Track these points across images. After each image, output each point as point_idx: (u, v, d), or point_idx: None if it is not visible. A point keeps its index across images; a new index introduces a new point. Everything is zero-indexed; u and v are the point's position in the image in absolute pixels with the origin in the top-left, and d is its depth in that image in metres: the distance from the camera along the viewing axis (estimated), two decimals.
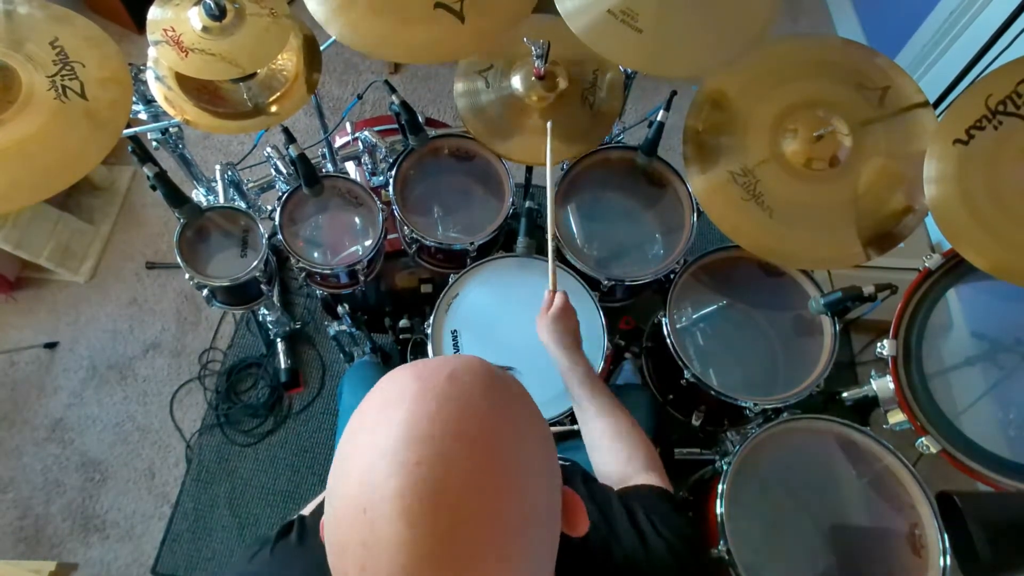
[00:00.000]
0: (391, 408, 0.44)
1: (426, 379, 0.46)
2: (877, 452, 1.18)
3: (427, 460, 0.41)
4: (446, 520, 0.40)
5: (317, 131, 1.70)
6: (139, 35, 2.46)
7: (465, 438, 0.43)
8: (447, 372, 0.47)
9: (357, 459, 0.43)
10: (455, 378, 0.46)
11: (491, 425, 0.45)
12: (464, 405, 0.45)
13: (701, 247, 1.39)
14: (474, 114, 1.33)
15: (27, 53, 1.02)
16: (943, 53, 2.04)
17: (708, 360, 1.34)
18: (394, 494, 0.40)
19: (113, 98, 1.03)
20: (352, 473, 0.43)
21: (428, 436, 0.42)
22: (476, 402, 0.45)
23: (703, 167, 1.19)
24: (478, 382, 0.47)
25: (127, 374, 1.98)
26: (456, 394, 0.45)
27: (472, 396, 0.45)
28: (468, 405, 0.45)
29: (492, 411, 0.46)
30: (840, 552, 1.14)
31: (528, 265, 1.36)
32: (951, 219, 1.01)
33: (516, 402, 0.49)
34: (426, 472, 0.40)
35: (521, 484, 0.44)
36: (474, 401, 0.45)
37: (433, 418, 0.43)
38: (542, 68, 1.27)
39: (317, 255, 1.39)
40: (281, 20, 1.16)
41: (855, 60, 1.20)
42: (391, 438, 0.42)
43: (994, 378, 1.24)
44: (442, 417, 0.43)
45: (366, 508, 0.41)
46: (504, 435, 0.45)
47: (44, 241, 1.98)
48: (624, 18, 1.08)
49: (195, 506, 1.80)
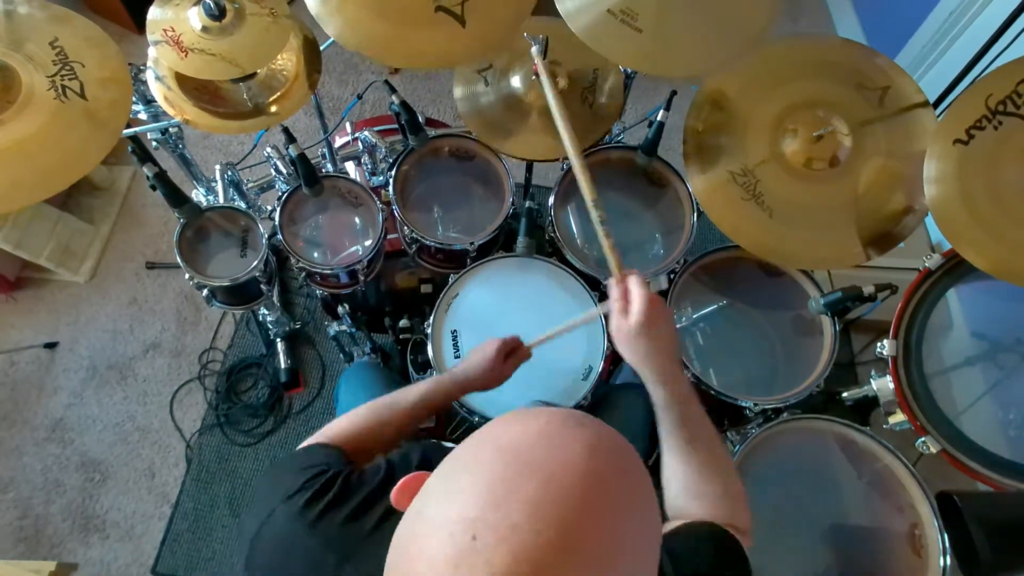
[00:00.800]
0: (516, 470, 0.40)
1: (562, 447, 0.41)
2: (877, 452, 1.18)
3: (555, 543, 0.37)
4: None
5: (317, 131, 1.70)
6: (139, 35, 2.46)
7: (598, 533, 0.38)
8: (583, 445, 0.41)
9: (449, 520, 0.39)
10: (595, 454, 0.41)
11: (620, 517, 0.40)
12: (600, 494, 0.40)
13: (701, 247, 1.39)
14: (474, 114, 1.33)
15: (27, 53, 1.02)
16: (943, 53, 2.05)
17: (708, 360, 1.34)
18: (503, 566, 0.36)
19: (113, 98, 1.03)
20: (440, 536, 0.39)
21: (559, 520, 0.38)
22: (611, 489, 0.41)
23: (703, 167, 1.19)
24: (614, 461, 0.42)
25: (127, 374, 1.98)
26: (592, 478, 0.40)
27: (608, 479, 0.41)
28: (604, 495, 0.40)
29: (624, 500, 0.41)
30: (840, 552, 1.14)
31: (528, 265, 1.36)
32: (951, 219, 1.01)
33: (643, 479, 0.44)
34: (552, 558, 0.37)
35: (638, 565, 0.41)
36: (610, 488, 0.41)
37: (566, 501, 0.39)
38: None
39: (317, 255, 1.39)
40: (281, 20, 1.16)
41: (855, 60, 1.20)
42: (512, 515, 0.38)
43: (994, 378, 1.24)
44: (575, 501, 0.39)
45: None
46: (634, 524, 0.41)
47: (44, 241, 1.98)
48: (624, 18, 1.08)
49: (195, 506, 1.80)
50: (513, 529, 0.37)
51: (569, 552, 0.37)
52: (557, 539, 0.37)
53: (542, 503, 0.38)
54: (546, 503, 0.38)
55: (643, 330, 0.74)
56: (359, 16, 1.08)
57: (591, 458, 0.41)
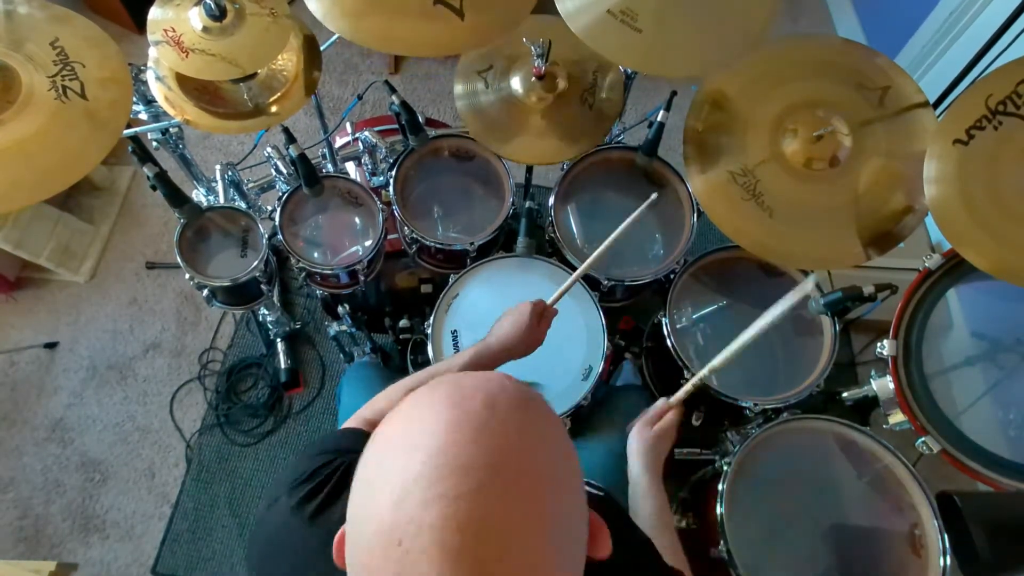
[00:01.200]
0: (425, 434, 0.43)
1: (461, 406, 0.45)
2: (877, 452, 1.18)
3: (466, 495, 0.40)
4: (487, 556, 0.39)
5: (317, 131, 1.70)
6: (139, 35, 2.46)
7: (504, 472, 0.42)
8: (482, 399, 0.45)
9: (388, 484, 0.42)
10: (492, 406, 0.45)
11: (529, 457, 0.44)
12: (501, 436, 0.44)
13: (701, 247, 1.39)
14: (474, 115, 1.33)
15: (27, 53, 1.02)
16: (943, 53, 2.04)
17: (708, 360, 1.33)
18: (433, 527, 0.39)
19: (113, 98, 1.03)
20: (382, 498, 0.42)
21: (466, 468, 0.41)
22: (512, 432, 0.44)
23: (703, 167, 1.19)
24: (514, 409, 0.46)
25: (127, 374, 1.98)
26: (493, 424, 0.44)
27: (508, 425, 0.45)
28: (505, 436, 0.44)
29: (529, 441, 0.45)
30: (840, 552, 1.14)
31: (528, 265, 1.36)
32: (951, 219, 1.01)
33: (550, 427, 0.48)
34: (465, 507, 0.39)
35: (559, 517, 0.44)
36: (511, 431, 0.44)
37: (471, 450, 0.42)
38: (542, 67, 1.27)
39: (317, 255, 1.39)
40: (281, 20, 1.16)
41: (855, 60, 1.20)
42: (428, 466, 0.41)
43: (994, 378, 1.24)
44: (480, 449, 0.42)
45: (401, 540, 0.39)
46: (541, 466, 0.45)
47: (44, 241, 1.98)
48: (624, 18, 1.08)
49: (195, 506, 1.80)
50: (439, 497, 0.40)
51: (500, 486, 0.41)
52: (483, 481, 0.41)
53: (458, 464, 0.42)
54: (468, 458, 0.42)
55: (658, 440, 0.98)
56: (359, 8, 1.09)
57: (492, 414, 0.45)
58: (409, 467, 0.42)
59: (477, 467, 0.41)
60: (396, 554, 0.39)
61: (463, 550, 0.39)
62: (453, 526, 0.39)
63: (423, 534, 0.39)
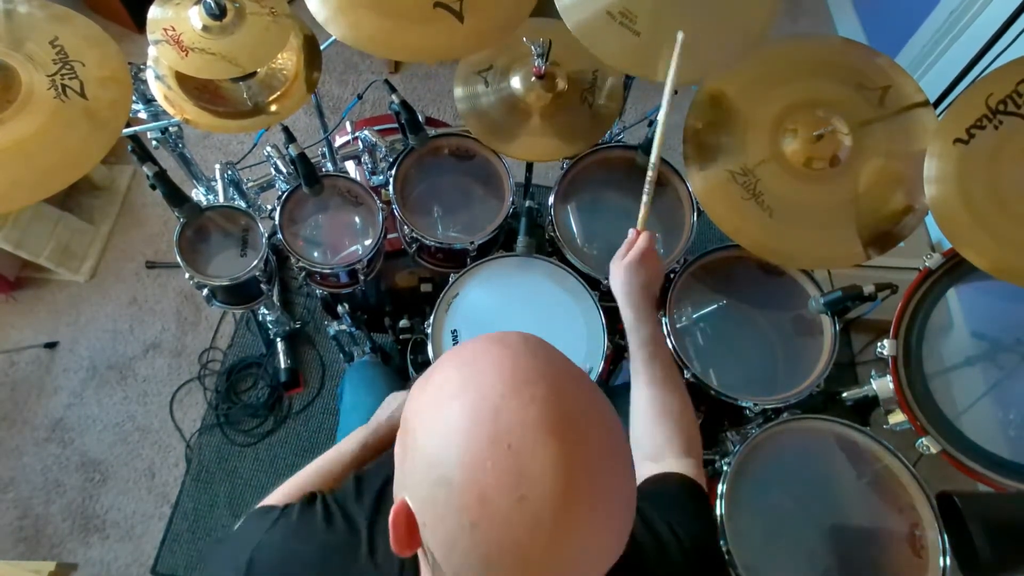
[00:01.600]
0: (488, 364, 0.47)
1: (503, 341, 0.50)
2: (877, 452, 1.18)
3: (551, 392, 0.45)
4: (587, 434, 0.45)
5: (317, 130, 1.70)
6: (139, 35, 2.47)
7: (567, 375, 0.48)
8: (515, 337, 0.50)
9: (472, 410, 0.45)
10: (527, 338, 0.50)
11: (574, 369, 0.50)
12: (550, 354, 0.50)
13: (701, 247, 1.39)
14: (474, 114, 1.33)
15: (27, 53, 1.02)
16: (943, 53, 2.05)
17: (708, 360, 1.34)
18: (536, 420, 0.43)
19: (113, 98, 1.03)
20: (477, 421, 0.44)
21: (540, 374, 0.46)
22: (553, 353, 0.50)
23: (703, 167, 1.19)
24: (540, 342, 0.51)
25: (127, 374, 1.98)
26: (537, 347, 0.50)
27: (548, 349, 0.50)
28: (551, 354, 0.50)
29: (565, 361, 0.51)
30: (840, 552, 1.14)
31: (528, 264, 1.36)
32: (951, 219, 1.01)
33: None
34: (554, 401, 0.45)
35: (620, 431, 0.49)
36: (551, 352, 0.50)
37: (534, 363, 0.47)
38: (542, 67, 1.27)
39: (317, 254, 1.39)
40: (281, 19, 1.16)
41: (855, 60, 1.20)
42: (510, 382, 0.45)
43: (994, 378, 1.24)
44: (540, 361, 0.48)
45: (510, 443, 0.43)
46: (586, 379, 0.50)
47: (44, 241, 1.98)
48: (622, 20, 1.08)
49: (195, 506, 1.80)
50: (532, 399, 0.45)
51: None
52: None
53: None
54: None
55: (632, 267, 0.94)
56: (357, 11, 1.09)
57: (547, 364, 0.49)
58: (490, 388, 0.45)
59: (547, 372, 0.47)
60: (507, 456, 0.42)
61: (569, 429, 0.44)
62: (554, 415, 0.44)
63: (528, 431, 0.43)
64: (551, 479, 0.42)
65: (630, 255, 0.96)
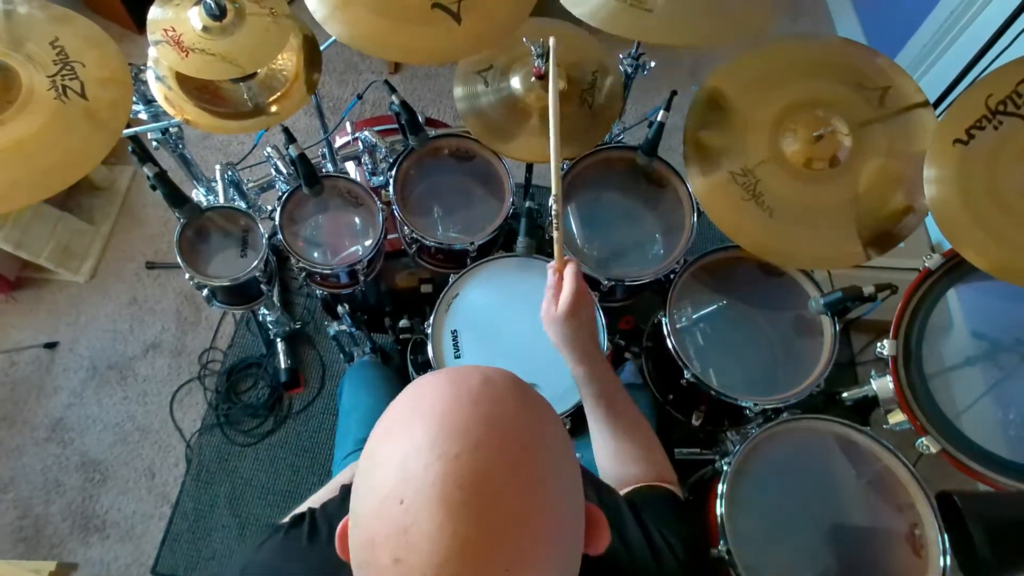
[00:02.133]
0: (426, 405, 0.46)
1: (459, 382, 0.47)
2: (877, 452, 1.18)
3: (466, 451, 0.42)
4: (485, 510, 0.41)
5: (317, 131, 1.70)
6: (139, 35, 2.46)
7: (500, 434, 0.44)
8: (480, 376, 0.48)
9: (392, 454, 0.44)
10: (488, 381, 0.48)
11: (524, 427, 0.46)
12: (498, 405, 0.46)
13: (701, 247, 1.39)
14: (474, 114, 1.33)
15: (27, 53, 1.02)
16: (943, 53, 2.05)
17: (708, 360, 1.34)
18: (433, 483, 0.41)
19: (113, 98, 1.03)
20: (387, 467, 0.43)
21: (465, 430, 0.43)
22: (509, 404, 0.47)
23: (703, 167, 1.19)
24: (510, 387, 0.49)
25: (127, 374, 1.98)
26: (490, 396, 0.46)
27: (505, 399, 0.47)
28: (502, 406, 0.46)
29: (524, 414, 0.47)
30: (840, 552, 1.14)
31: (528, 265, 1.36)
32: (951, 219, 1.01)
33: (545, 411, 0.50)
34: (465, 462, 0.41)
35: (553, 486, 0.45)
36: (507, 403, 0.47)
37: (469, 414, 0.44)
38: (542, 68, 1.27)
39: (317, 255, 1.39)
40: (281, 20, 1.16)
41: (855, 60, 1.20)
42: (428, 432, 0.43)
43: (994, 378, 1.24)
44: (478, 414, 0.44)
45: (403, 499, 0.41)
46: (536, 438, 0.46)
47: (44, 241, 1.98)
48: (633, 3, 1.07)
49: (195, 506, 1.80)
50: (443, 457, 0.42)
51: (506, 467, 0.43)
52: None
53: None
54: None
55: (566, 317, 0.82)
56: (356, 11, 1.09)
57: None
58: (411, 437, 0.44)
59: (475, 428, 0.43)
60: (397, 512, 0.41)
61: (463, 503, 0.40)
62: (452, 481, 0.41)
63: (424, 491, 0.41)
64: (428, 550, 0.39)
65: (562, 305, 0.82)
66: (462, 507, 0.40)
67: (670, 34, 1.09)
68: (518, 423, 0.46)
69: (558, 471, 0.47)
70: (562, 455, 0.48)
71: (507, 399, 0.47)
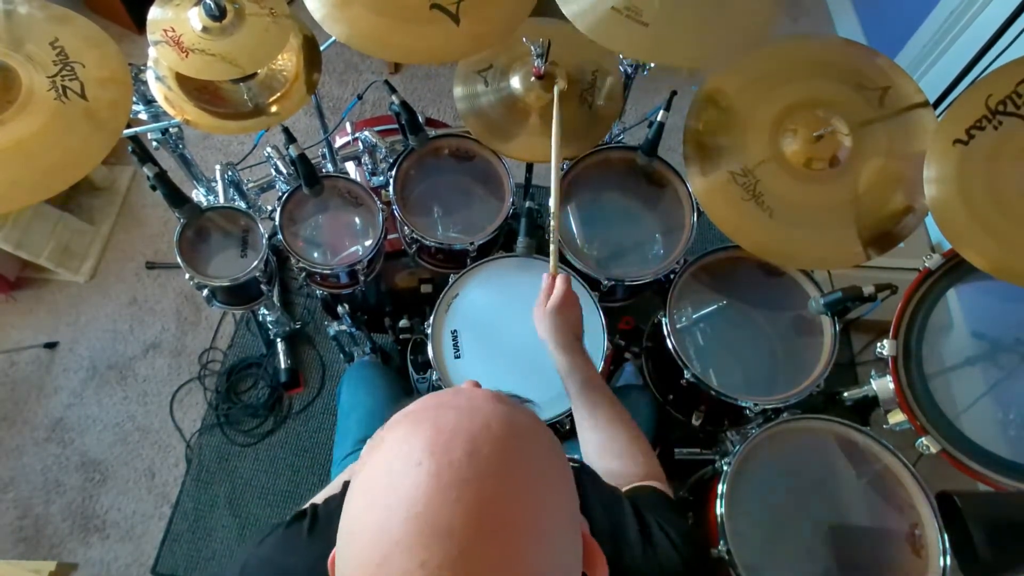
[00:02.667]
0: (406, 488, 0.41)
1: (440, 456, 0.42)
2: (877, 452, 1.18)
3: (449, 563, 0.38)
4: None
5: (317, 131, 1.70)
6: (139, 35, 2.46)
7: (487, 532, 0.40)
8: (463, 446, 0.43)
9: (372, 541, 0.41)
10: (473, 453, 0.42)
11: (513, 508, 0.42)
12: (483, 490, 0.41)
13: (701, 247, 1.39)
14: (473, 114, 1.33)
15: (27, 53, 1.02)
16: (943, 53, 2.05)
17: (708, 360, 1.34)
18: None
19: (113, 98, 1.03)
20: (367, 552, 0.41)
21: (448, 531, 0.39)
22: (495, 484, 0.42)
23: (703, 167, 1.19)
24: (498, 453, 0.43)
25: (127, 374, 1.98)
26: (476, 474, 0.41)
27: (490, 476, 0.42)
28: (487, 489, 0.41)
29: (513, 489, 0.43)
30: (840, 552, 1.14)
31: (528, 265, 1.36)
32: (951, 219, 1.01)
33: (537, 462, 0.46)
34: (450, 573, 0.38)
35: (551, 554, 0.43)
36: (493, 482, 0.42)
37: (453, 510, 0.40)
38: (542, 67, 1.27)
39: (317, 255, 1.39)
40: (281, 20, 1.16)
41: (855, 60, 1.20)
42: (409, 531, 0.39)
43: (994, 378, 1.24)
44: (462, 507, 0.40)
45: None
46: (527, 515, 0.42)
47: (44, 241, 1.98)
48: (628, 14, 1.07)
49: (195, 506, 1.80)
50: None
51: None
52: None
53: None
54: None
55: (554, 311, 0.94)
56: (356, 11, 1.09)
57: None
58: (390, 527, 0.40)
59: (459, 530, 0.39)
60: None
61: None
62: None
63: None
64: None
65: (552, 301, 0.95)
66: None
67: (663, 52, 1.10)
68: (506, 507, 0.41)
69: (555, 531, 0.44)
70: (557, 507, 0.46)
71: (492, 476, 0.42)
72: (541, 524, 0.43)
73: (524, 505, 0.43)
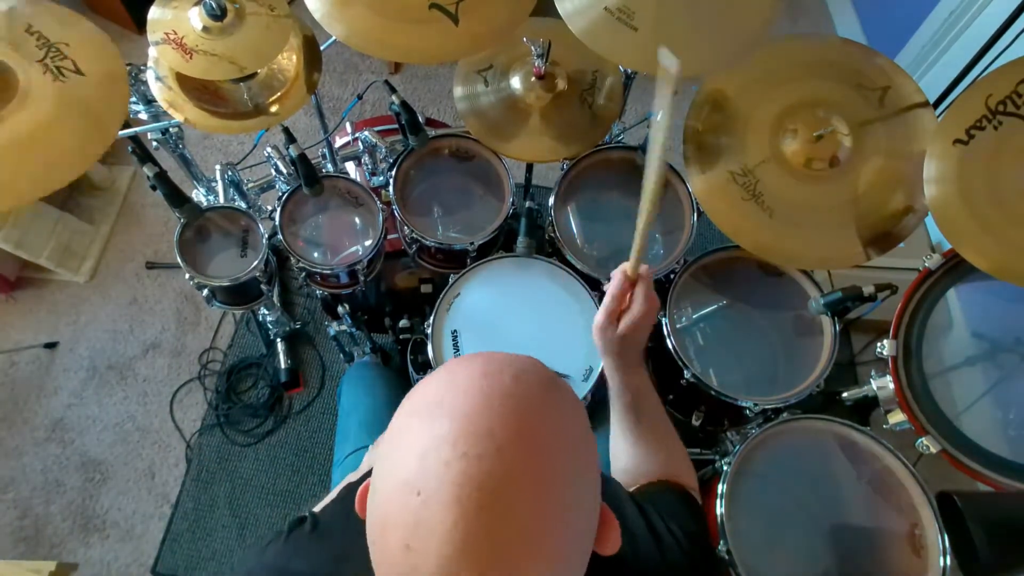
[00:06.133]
0: (456, 398, 0.45)
1: (492, 376, 0.47)
2: (877, 452, 1.18)
3: (487, 455, 0.42)
4: (499, 515, 0.41)
5: (317, 131, 1.70)
6: (139, 35, 2.46)
7: (524, 440, 0.44)
8: (513, 372, 0.47)
9: (415, 441, 0.44)
10: (520, 379, 0.47)
11: (550, 430, 0.46)
12: (527, 407, 0.46)
13: (701, 247, 1.39)
14: (474, 114, 1.33)
15: (12, 43, 1.01)
16: (943, 53, 2.05)
17: (708, 360, 1.34)
18: (452, 482, 0.41)
19: (110, 93, 1.03)
20: (409, 454, 0.44)
21: (489, 432, 0.43)
22: (537, 405, 0.46)
23: (703, 167, 1.19)
24: (541, 386, 0.48)
25: (127, 374, 1.98)
26: (520, 394, 0.46)
27: (534, 399, 0.47)
28: (530, 407, 0.46)
29: (552, 417, 0.47)
30: (840, 552, 1.14)
31: (528, 265, 1.36)
32: (951, 219, 1.01)
33: (574, 412, 0.50)
34: (486, 466, 0.41)
35: (572, 494, 0.46)
36: (535, 404, 0.46)
37: (495, 415, 0.44)
38: (542, 68, 1.27)
39: (317, 255, 1.39)
40: (281, 19, 1.16)
41: (855, 60, 1.20)
42: (453, 429, 0.43)
43: (994, 378, 1.24)
44: (504, 415, 0.44)
45: (420, 491, 0.41)
46: (561, 442, 0.46)
47: (44, 241, 1.98)
48: (620, 16, 1.07)
49: (195, 506, 1.80)
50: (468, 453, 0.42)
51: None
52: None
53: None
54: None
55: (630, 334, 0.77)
56: (356, 11, 1.09)
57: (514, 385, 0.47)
58: (437, 427, 0.44)
59: (500, 431, 0.43)
60: (414, 504, 0.41)
61: (479, 506, 0.40)
62: (471, 483, 0.41)
63: (443, 488, 0.41)
64: (437, 544, 0.40)
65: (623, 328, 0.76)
66: (478, 510, 0.40)
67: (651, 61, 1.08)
68: (544, 429, 0.45)
69: (579, 476, 0.47)
70: (584, 459, 0.48)
71: (536, 401, 0.47)
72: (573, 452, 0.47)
73: (560, 430, 0.47)
